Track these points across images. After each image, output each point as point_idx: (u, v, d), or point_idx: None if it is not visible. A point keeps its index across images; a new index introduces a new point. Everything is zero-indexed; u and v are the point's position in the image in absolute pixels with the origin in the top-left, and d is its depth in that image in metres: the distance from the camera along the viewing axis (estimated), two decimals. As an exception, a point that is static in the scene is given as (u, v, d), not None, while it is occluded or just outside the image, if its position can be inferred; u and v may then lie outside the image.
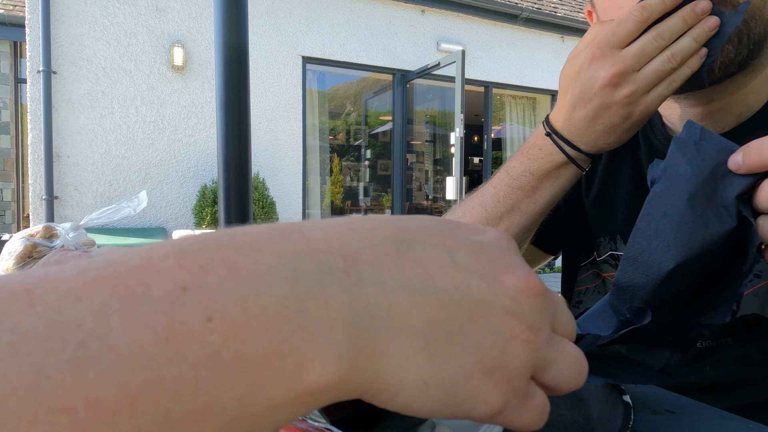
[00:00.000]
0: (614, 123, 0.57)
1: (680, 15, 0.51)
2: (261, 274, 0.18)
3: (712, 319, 0.37)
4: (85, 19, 4.56)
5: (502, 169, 0.70)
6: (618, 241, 0.73)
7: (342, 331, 0.18)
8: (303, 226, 0.21)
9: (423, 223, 0.24)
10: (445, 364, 0.21)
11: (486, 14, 6.25)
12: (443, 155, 7.06)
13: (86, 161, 4.61)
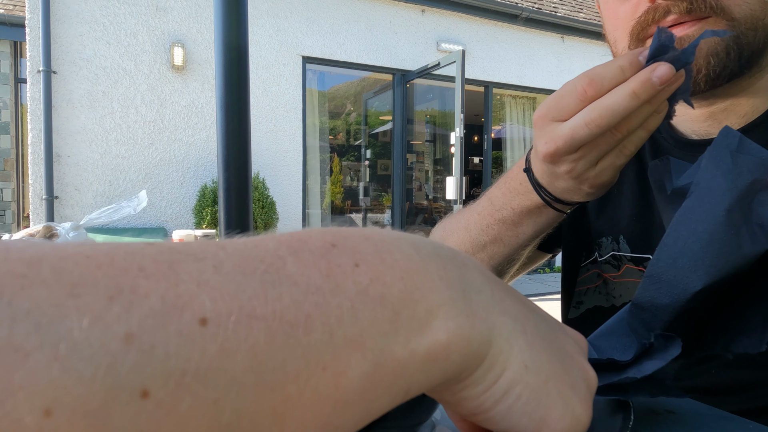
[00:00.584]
0: (569, 188, 0.55)
1: (629, 90, 0.43)
2: (389, 239, 0.21)
3: (743, 347, 0.34)
4: (85, 18, 4.56)
5: (486, 195, 0.69)
6: (621, 241, 0.72)
7: (459, 291, 0.21)
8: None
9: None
10: (541, 356, 0.23)
11: (486, 14, 6.24)
12: (443, 155, 7.06)
13: (86, 161, 4.61)
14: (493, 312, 0.22)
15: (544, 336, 0.24)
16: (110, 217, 1.15)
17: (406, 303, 0.19)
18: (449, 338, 0.20)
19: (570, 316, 0.78)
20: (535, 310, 0.25)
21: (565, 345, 0.25)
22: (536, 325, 0.23)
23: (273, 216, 4.81)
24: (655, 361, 0.34)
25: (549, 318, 0.26)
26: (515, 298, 0.24)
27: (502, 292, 0.23)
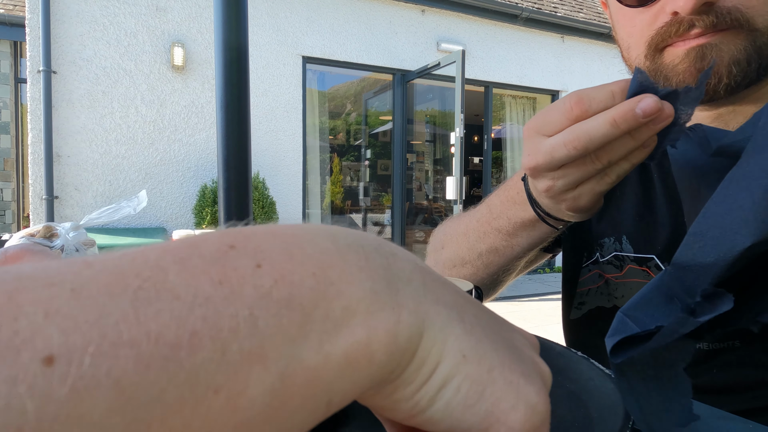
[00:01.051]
0: (549, 205, 0.54)
1: (609, 118, 0.42)
2: (302, 233, 0.19)
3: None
4: (85, 19, 4.57)
5: (486, 202, 0.69)
6: (624, 241, 0.72)
7: (384, 282, 0.19)
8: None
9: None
10: (483, 344, 0.20)
11: (486, 14, 6.25)
12: (443, 155, 7.06)
13: (86, 161, 4.61)
14: (424, 302, 0.20)
15: (487, 324, 0.22)
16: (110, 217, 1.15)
17: (318, 302, 0.17)
18: (370, 336, 0.18)
19: (572, 317, 0.78)
20: (476, 302, 0.23)
21: (513, 338, 0.23)
22: (476, 315, 0.22)
23: (273, 216, 4.81)
24: (704, 317, 0.31)
25: (493, 312, 0.24)
26: (452, 289, 0.22)
27: (436, 282, 0.21)
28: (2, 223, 6.53)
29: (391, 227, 6.44)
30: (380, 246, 0.21)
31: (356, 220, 6.98)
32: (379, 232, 6.89)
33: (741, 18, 0.53)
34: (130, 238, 4.24)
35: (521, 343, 0.23)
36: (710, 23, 0.53)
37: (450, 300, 0.21)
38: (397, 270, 0.20)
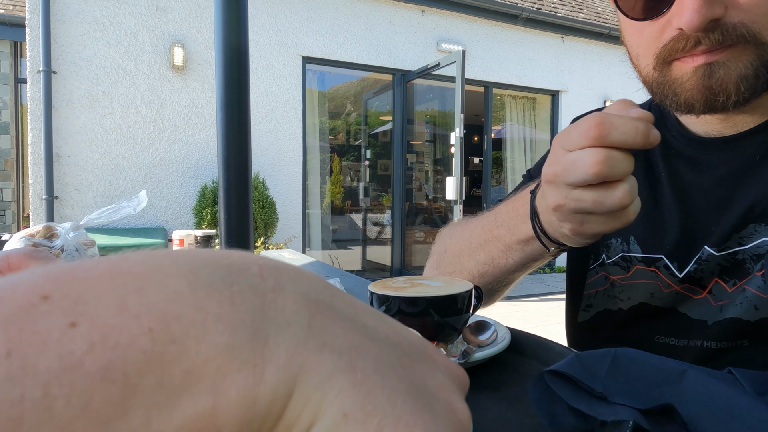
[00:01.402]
0: (551, 222, 0.56)
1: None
2: (150, 272, 0.15)
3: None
4: (85, 19, 4.57)
5: (494, 209, 0.70)
6: (632, 242, 0.72)
7: (248, 332, 0.15)
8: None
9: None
10: (376, 397, 0.17)
11: (486, 14, 6.25)
12: (443, 155, 7.06)
13: (86, 161, 4.61)
14: (303, 350, 0.16)
15: (390, 368, 0.18)
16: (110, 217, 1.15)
17: (149, 368, 0.14)
18: (218, 404, 0.15)
19: (579, 320, 0.78)
20: (388, 338, 0.19)
21: (426, 379, 0.19)
22: (378, 357, 0.18)
23: (273, 216, 4.81)
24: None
25: (414, 346, 0.20)
26: (352, 325, 0.18)
27: (330, 319, 0.18)
28: (2, 223, 6.53)
29: (391, 227, 6.45)
30: (261, 280, 0.17)
31: (356, 220, 6.98)
32: (379, 232, 6.89)
33: (747, 33, 0.53)
34: (130, 238, 4.25)
35: (438, 383, 0.20)
36: (716, 40, 0.53)
37: (342, 343, 0.17)
38: (273, 312, 0.16)
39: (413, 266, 6.61)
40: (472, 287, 0.64)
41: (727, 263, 0.63)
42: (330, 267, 1.68)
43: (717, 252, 0.63)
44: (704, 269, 0.64)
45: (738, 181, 0.63)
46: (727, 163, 0.65)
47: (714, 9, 0.51)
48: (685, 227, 0.67)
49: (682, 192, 0.69)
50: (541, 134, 7.24)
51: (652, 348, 0.69)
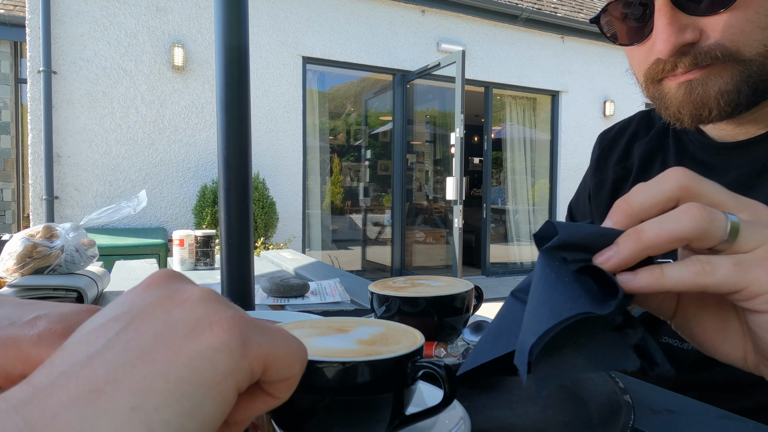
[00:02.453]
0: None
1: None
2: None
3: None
4: (85, 19, 4.57)
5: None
6: None
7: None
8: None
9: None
10: (156, 368, 0.19)
11: (486, 14, 6.25)
12: (443, 155, 7.06)
13: (86, 161, 4.61)
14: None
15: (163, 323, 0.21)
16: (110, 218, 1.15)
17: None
18: None
19: None
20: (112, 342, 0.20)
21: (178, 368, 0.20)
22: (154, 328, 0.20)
23: (273, 216, 4.81)
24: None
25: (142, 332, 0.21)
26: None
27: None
28: (2, 224, 6.53)
29: (391, 228, 6.44)
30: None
31: (356, 221, 6.98)
32: (379, 232, 6.89)
33: (726, 53, 0.55)
34: (130, 238, 4.24)
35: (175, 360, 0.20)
36: (690, 63, 0.56)
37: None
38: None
39: (413, 266, 6.61)
40: (472, 287, 0.64)
41: None
42: (330, 267, 1.68)
43: None
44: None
45: (747, 187, 0.64)
46: (737, 168, 0.65)
47: (684, 36, 0.55)
48: None
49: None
50: (541, 134, 7.24)
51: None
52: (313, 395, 0.34)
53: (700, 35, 0.55)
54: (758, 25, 0.53)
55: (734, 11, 0.53)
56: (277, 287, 1.13)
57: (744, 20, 0.53)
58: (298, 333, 0.40)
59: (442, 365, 0.36)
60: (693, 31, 0.55)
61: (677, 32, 0.55)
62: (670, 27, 0.55)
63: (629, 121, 0.85)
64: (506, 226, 7.26)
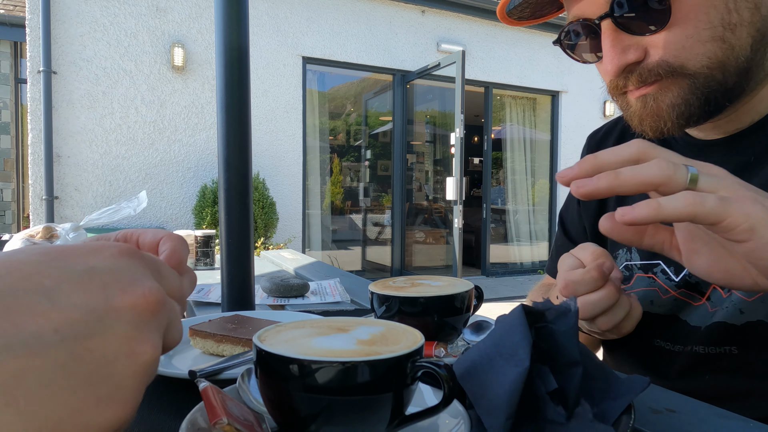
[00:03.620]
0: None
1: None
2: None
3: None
4: (85, 19, 4.57)
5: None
6: (633, 250, 0.73)
7: None
8: None
9: (16, 265, 0.23)
10: (42, 411, 0.20)
11: (486, 14, 6.25)
12: (443, 156, 7.06)
13: (86, 161, 4.61)
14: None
15: (61, 373, 0.21)
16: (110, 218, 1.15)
17: None
18: None
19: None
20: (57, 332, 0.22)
21: (105, 348, 0.23)
22: (45, 369, 0.21)
23: (273, 216, 4.81)
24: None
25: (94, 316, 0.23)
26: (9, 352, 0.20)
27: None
28: (2, 224, 6.53)
29: (391, 228, 6.44)
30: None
31: (356, 221, 6.98)
32: (379, 232, 6.89)
33: (669, 68, 0.56)
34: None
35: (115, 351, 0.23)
36: (637, 80, 0.58)
37: (1, 378, 0.20)
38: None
39: (413, 266, 6.61)
40: (472, 287, 0.64)
41: None
42: (330, 267, 1.68)
43: None
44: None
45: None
46: (722, 165, 0.65)
47: (627, 56, 0.57)
48: None
49: None
50: (541, 134, 7.24)
51: (647, 351, 0.70)
52: (313, 395, 0.34)
53: (644, 54, 0.57)
54: (698, 40, 0.54)
55: (673, 29, 0.55)
56: (277, 287, 1.13)
57: (683, 36, 0.55)
58: (298, 333, 0.40)
59: (442, 365, 0.36)
60: (636, 51, 0.57)
61: (620, 53, 0.57)
62: (613, 49, 0.58)
63: (616, 122, 0.86)
64: (506, 227, 7.26)
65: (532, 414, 0.39)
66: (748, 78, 0.57)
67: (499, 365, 0.39)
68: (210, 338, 0.64)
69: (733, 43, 0.54)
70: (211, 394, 0.36)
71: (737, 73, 0.56)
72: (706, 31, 0.54)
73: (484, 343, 0.42)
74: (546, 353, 0.41)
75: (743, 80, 0.57)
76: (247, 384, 0.43)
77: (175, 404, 0.50)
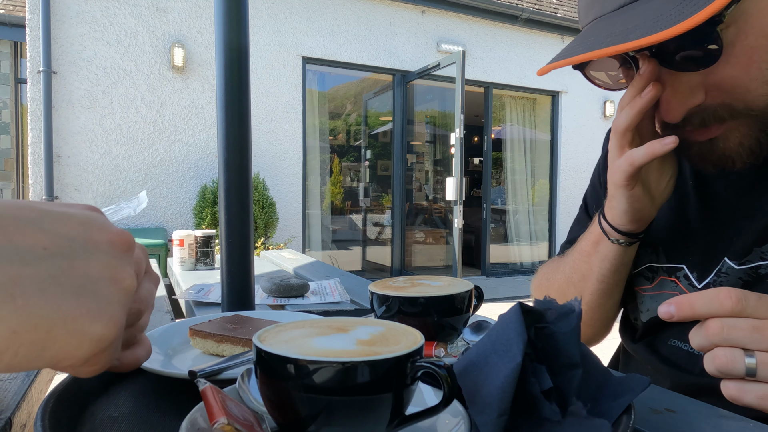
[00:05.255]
0: (616, 209, 0.64)
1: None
2: None
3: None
4: (85, 19, 4.57)
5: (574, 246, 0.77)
6: (660, 252, 0.71)
7: None
8: None
9: (3, 202, 0.27)
10: (38, 312, 0.23)
11: (486, 15, 6.25)
12: (443, 156, 7.06)
13: (86, 161, 4.61)
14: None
15: (48, 282, 0.24)
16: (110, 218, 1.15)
17: None
18: None
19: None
20: (45, 250, 0.25)
21: (88, 269, 0.26)
22: (34, 277, 0.24)
23: (273, 216, 4.81)
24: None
25: (75, 241, 0.26)
26: (4, 259, 0.24)
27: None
28: (2, 224, 6.53)
29: (391, 228, 6.44)
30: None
31: (356, 221, 6.98)
32: (379, 232, 6.89)
33: (730, 113, 0.53)
34: (130, 238, 4.24)
35: (100, 266, 0.27)
36: (699, 123, 0.55)
37: (2, 276, 0.23)
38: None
39: (413, 267, 6.61)
40: (472, 287, 0.64)
41: (749, 278, 0.61)
42: (330, 267, 1.68)
43: (737, 265, 0.62)
44: (724, 282, 0.63)
45: (762, 192, 0.62)
46: (753, 172, 0.63)
47: (691, 100, 0.54)
48: (708, 237, 0.66)
49: (708, 200, 0.68)
50: (541, 135, 7.24)
51: (664, 350, 0.69)
52: (313, 395, 0.34)
53: (705, 95, 0.54)
54: (762, 81, 0.52)
55: (734, 67, 0.52)
56: (277, 287, 1.13)
57: (747, 78, 0.52)
58: (298, 333, 0.40)
59: (442, 365, 0.36)
60: (699, 93, 0.54)
61: (684, 98, 0.54)
62: (675, 92, 0.54)
63: None
64: (506, 227, 7.26)
65: (528, 412, 0.39)
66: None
67: (493, 362, 0.39)
68: (210, 338, 0.64)
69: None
70: (210, 394, 0.36)
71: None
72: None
73: (482, 342, 0.42)
74: (545, 353, 0.41)
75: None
76: (247, 384, 0.43)
77: (175, 404, 0.50)
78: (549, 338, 0.41)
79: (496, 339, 0.40)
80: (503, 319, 0.42)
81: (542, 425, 0.38)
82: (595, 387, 0.42)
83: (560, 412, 0.39)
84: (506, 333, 0.40)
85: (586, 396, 0.41)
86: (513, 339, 0.39)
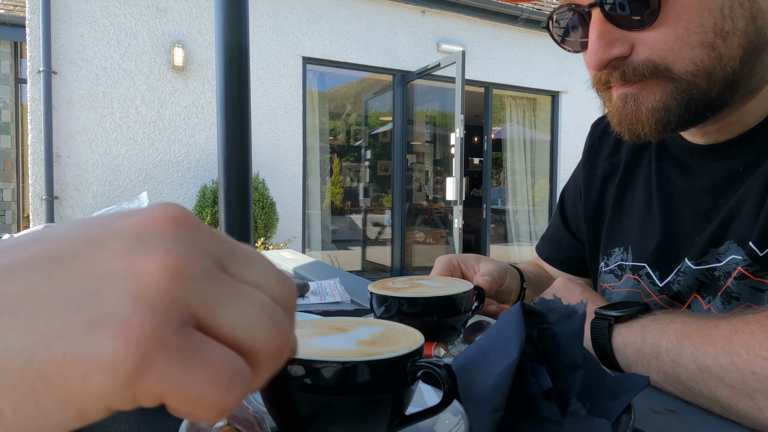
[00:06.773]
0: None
1: None
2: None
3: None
4: (85, 19, 4.57)
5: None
6: (629, 250, 0.72)
7: None
8: None
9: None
10: (9, 338, 0.17)
11: (486, 15, 6.25)
12: (443, 156, 7.06)
13: (86, 161, 4.61)
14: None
15: (29, 299, 0.18)
16: (110, 217, 1.15)
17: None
18: None
19: None
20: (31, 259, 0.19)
21: (94, 267, 0.19)
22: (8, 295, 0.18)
23: (273, 216, 4.81)
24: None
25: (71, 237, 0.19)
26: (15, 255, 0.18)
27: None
28: (2, 224, 6.53)
29: (390, 228, 6.44)
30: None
31: (356, 221, 6.98)
32: (379, 232, 6.89)
33: (655, 68, 0.54)
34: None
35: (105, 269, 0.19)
36: (619, 77, 0.56)
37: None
38: None
39: (413, 267, 6.61)
40: (471, 287, 0.64)
41: (705, 278, 0.62)
42: (330, 267, 1.68)
43: (694, 265, 0.63)
44: (682, 282, 0.64)
45: (720, 193, 0.63)
46: (712, 172, 0.65)
47: (611, 50, 0.55)
48: (670, 236, 0.67)
49: (670, 199, 0.69)
50: (541, 135, 7.24)
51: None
52: (313, 395, 0.34)
53: (630, 50, 0.55)
54: (688, 43, 0.53)
55: (663, 28, 0.53)
56: (277, 287, 1.12)
57: (672, 37, 0.53)
58: (298, 333, 0.40)
59: (442, 365, 0.36)
60: (622, 46, 0.55)
61: (606, 46, 0.55)
62: (599, 41, 0.55)
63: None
64: (506, 227, 7.26)
65: (528, 412, 0.39)
66: (733, 91, 0.56)
67: (491, 359, 0.39)
68: (210, 338, 0.64)
69: (722, 53, 0.53)
70: (211, 394, 0.36)
71: (722, 84, 0.54)
72: (696, 35, 0.52)
73: (481, 340, 0.42)
74: (547, 354, 0.41)
75: (727, 92, 0.55)
76: (247, 384, 0.43)
77: (175, 404, 0.50)
78: (551, 339, 0.41)
79: (495, 337, 0.41)
80: (503, 318, 0.42)
81: (542, 425, 0.38)
82: (594, 386, 0.42)
83: (559, 412, 0.39)
84: (505, 332, 0.40)
85: (585, 396, 0.41)
86: (511, 337, 0.39)
